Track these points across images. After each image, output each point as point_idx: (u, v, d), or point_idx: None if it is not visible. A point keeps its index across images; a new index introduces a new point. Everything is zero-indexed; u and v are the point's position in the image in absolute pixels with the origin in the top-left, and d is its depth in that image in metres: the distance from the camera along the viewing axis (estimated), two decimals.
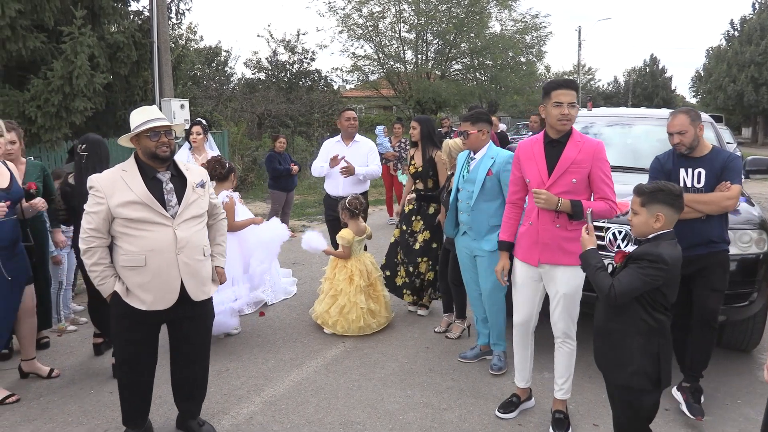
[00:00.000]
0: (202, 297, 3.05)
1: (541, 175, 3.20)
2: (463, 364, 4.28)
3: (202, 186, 3.09)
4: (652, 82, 47.87)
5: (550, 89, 3.16)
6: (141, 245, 2.85)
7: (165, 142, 2.91)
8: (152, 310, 2.91)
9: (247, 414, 3.59)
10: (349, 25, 22.13)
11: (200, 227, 3.06)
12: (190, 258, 2.95)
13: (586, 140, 3.18)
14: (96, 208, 2.85)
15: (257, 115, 16.98)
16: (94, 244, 2.87)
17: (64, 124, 9.13)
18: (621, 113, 6.81)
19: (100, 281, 2.90)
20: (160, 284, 2.89)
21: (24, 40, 8.72)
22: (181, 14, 12.20)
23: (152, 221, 2.86)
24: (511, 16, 23.24)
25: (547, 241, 3.21)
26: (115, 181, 2.87)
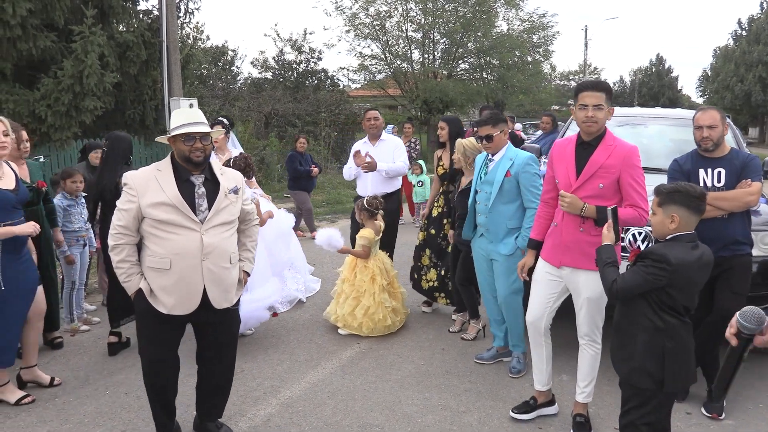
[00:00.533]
0: (225, 305, 2.99)
1: (569, 177, 3.14)
2: (480, 365, 4.24)
3: (235, 192, 3.02)
4: (658, 81, 47.71)
5: (578, 91, 3.12)
6: (167, 248, 2.82)
7: (199, 148, 2.86)
8: (172, 314, 2.88)
9: (265, 416, 3.56)
10: (356, 24, 22.06)
11: (229, 234, 2.99)
12: (216, 265, 2.89)
13: (619, 144, 3.08)
14: (127, 205, 2.83)
15: (264, 115, 16.97)
16: (122, 241, 2.85)
17: (74, 123, 9.13)
18: (633, 113, 6.77)
19: (125, 278, 2.89)
20: (182, 289, 2.85)
21: (35, 39, 8.73)
22: (190, 13, 12.22)
23: (180, 224, 2.81)
24: (518, 16, 23.13)
25: (570, 244, 3.16)
26: (149, 180, 2.85)
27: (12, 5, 8.06)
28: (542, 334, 3.45)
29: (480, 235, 4.10)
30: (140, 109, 10.82)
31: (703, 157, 3.56)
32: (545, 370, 3.51)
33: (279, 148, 15.41)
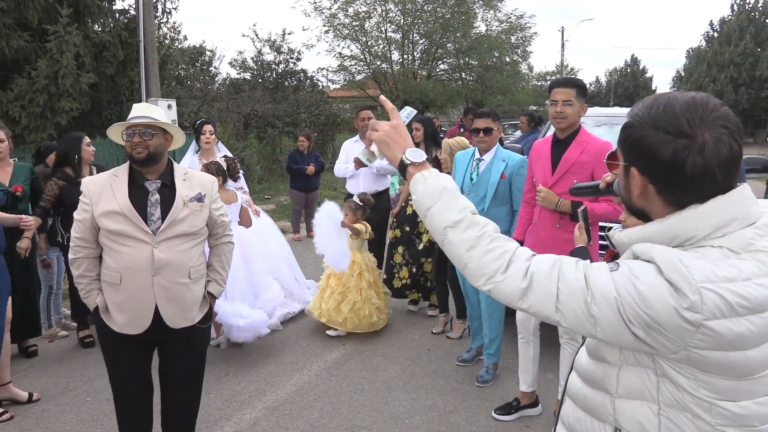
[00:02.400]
0: (183, 324, 2.66)
1: (545, 175, 3.21)
2: (463, 365, 4.24)
3: (200, 200, 2.69)
4: (633, 82, 48.37)
5: (549, 89, 3.21)
6: (118, 261, 2.56)
7: (140, 143, 2.55)
8: (123, 333, 2.61)
9: (251, 420, 3.52)
10: (335, 24, 22.03)
11: (188, 247, 2.66)
12: (170, 281, 2.59)
13: (592, 140, 3.16)
14: (82, 215, 2.60)
15: (243, 116, 16.81)
16: (80, 254, 2.61)
17: (50, 125, 8.97)
18: (612, 113, 6.86)
19: (84, 295, 2.67)
20: (133, 306, 2.59)
21: (7, 38, 8.55)
22: (168, 13, 12.04)
23: (131, 236, 2.54)
24: (496, 17, 23.32)
25: (547, 241, 3.19)
26: (104, 187, 2.60)
27: None
28: (531, 332, 3.47)
29: None
30: (117, 110, 10.65)
31: None
32: (531, 370, 3.52)
33: (259, 149, 15.28)
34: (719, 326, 1.03)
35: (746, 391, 1.09)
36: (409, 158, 1.35)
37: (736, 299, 1.03)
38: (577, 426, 1.31)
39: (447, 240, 1.26)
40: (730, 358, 1.06)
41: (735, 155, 1.09)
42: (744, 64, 33.37)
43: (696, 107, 1.10)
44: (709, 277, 1.04)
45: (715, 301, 1.02)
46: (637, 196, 1.18)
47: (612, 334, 1.10)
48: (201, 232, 2.74)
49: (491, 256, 1.21)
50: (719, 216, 1.10)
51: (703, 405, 1.10)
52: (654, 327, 1.05)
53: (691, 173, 1.08)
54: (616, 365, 1.21)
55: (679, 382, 1.11)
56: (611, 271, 1.10)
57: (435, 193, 1.29)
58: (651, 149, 1.11)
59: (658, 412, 1.15)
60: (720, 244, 1.09)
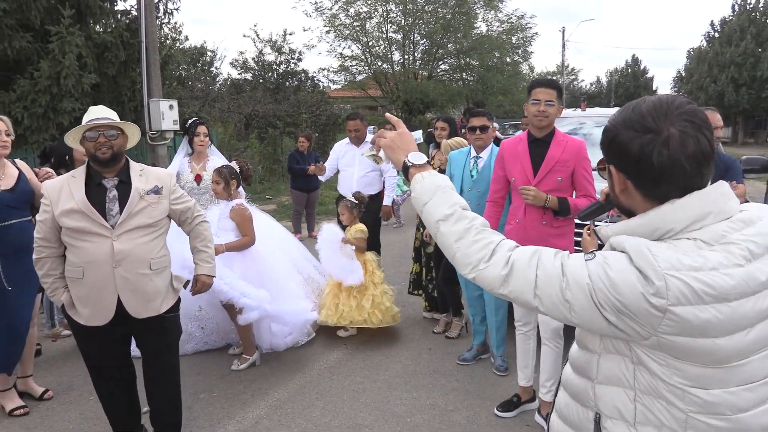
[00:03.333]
0: (146, 314, 2.79)
1: (526, 173, 3.29)
2: (464, 365, 4.26)
3: (156, 192, 2.81)
4: (634, 82, 48.41)
5: (531, 88, 3.29)
6: (80, 256, 2.69)
7: (104, 143, 2.68)
8: (89, 325, 2.75)
9: (254, 418, 3.54)
10: (336, 25, 22.08)
11: (149, 238, 2.78)
12: (130, 272, 2.71)
13: (569, 140, 3.30)
14: (43, 216, 2.72)
15: (245, 116, 16.84)
16: (43, 254, 2.74)
17: (52, 125, 8.99)
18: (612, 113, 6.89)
19: (51, 293, 2.81)
20: (95, 299, 2.72)
21: (10, 39, 8.58)
22: (169, 13, 12.06)
23: (90, 231, 2.67)
24: (497, 17, 23.38)
25: (534, 238, 3.24)
26: (62, 188, 2.73)
27: None
28: (532, 326, 3.52)
29: None
30: (119, 111, 10.65)
31: None
32: (530, 365, 3.57)
33: (260, 150, 15.31)
34: (685, 312, 1.09)
35: (719, 379, 1.14)
36: (410, 161, 1.50)
37: (701, 287, 1.09)
38: (566, 411, 1.39)
39: (439, 232, 1.37)
40: (699, 344, 1.12)
41: (703, 148, 1.16)
42: (745, 65, 33.37)
43: (661, 105, 1.18)
44: (674, 265, 1.10)
45: (679, 287, 1.09)
46: (620, 193, 1.27)
47: (586, 319, 1.17)
48: (160, 224, 2.86)
49: (477, 246, 1.31)
50: (695, 210, 1.16)
51: (676, 392, 1.16)
52: (624, 312, 1.12)
53: (659, 165, 1.15)
54: (597, 353, 1.28)
55: (653, 369, 1.17)
56: (586, 260, 1.18)
57: (430, 190, 1.41)
58: (622, 146, 1.20)
59: (634, 398, 1.21)
60: (695, 237, 1.16)
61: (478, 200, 3.93)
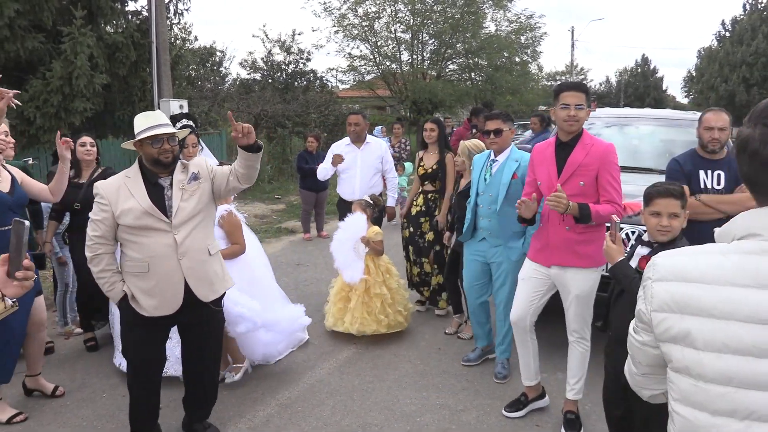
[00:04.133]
0: (213, 297, 3.03)
1: (551, 177, 3.23)
2: (476, 365, 4.27)
3: (196, 178, 2.99)
4: (643, 82, 48.10)
5: (559, 91, 3.22)
6: (144, 252, 2.87)
7: (168, 149, 2.89)
8: (155, 315, 2.91)
9: (264, 417, 3.57)
10: (345, 25, 22.03)
11: (202, 225, 2.99)
12: (194, 260, 2.93)
13: (596, 143, 3.21)
14: (101, 215, 2.87)
15: (254, 116, 16.89)
16: (100, 251, 2.89)
17: (64, 125, 9.08)
18: (622, 113, 6.86)
19: (108, 288, 2.93)
20: (163, 290, 2.89)
21: (22, 40, 8.67)
22: (180, 14, 12.16)
23: (153, 228, 2.85)
24: (506, 17, 23.23)
25: (557, 243, 3.24)
26: (119, 188, 2.89)
27: (0, 6, 7.99)
28: (528, 331, 3.50)
29: (480, 239, 3.99)
30: (130, 111, 10.75)
31: (702, 159, 3.61)
32: (532, 365, 3.56)
33: (269, 149, 15.35)
34: (667, 318, 1.19)
35: (702, 400, 1.14)
36: None
37: (682, 298, 1.16)
38: None
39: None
40: (684, 353, 1.16)
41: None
42: (756, 64, 33.08)
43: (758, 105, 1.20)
44: (665, 276, 1.20)
45: (662, 296, 1.19)
46: None
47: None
48: (207, 208, 3.03)
49: None
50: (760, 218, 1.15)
51: (672, 414, 1.23)
52: (642, 325, 1.28)
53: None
54: None
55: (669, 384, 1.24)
56: None
57: None
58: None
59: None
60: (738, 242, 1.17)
61: (489, 204, 3.85)
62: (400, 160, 9.91)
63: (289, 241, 8.65)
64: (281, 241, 8.66)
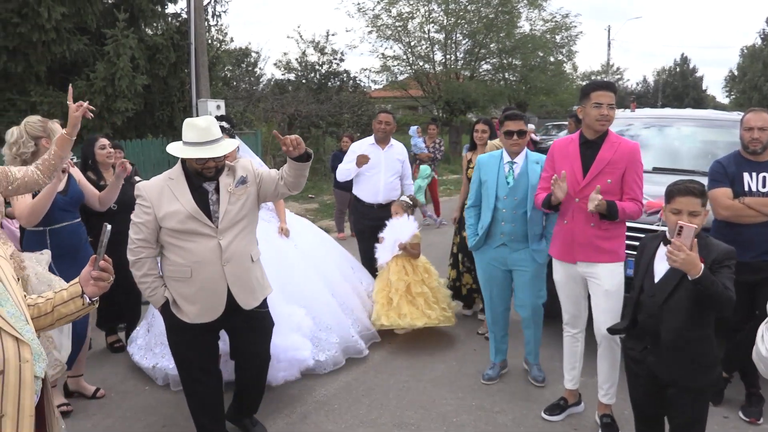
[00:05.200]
0: (254, 304, 2.94)
1: (575, 174, 3.24)
2: (513, 366, 4.23)
3: (243, 182, 2.90)
4: (682, 82, 47.07)
5: (590, 90, 3.21)
6: (187, 257, 2.77)
7: (211, 166, 2.79)
8: (196, 323, 2.84)
9: (301, 413, 3.61)
10: (378, 25, 22.12)
11: (246, 231, 2.91)
12: (238, 267, 2.84)
13: (623, 141, 3.25)
14: (143, 218, 2.78)
15: (287, 116, 17.08)
16: (142, 254, 2.81)
17: (106, 125, 9.35)
18: (660, 114, 6.73)
19: (150, 293, 2.86)
20: (206, 296, 2.81)
21: (68, 42, 8.95)
22: (218, 16, 12.37)
23: (198, 232, 2.76)
24: (540, 16, 23.00)
25: (582, 240, 3.25)
26: (162, 190, 2.80)
27: (48, 9, 8.26)
28: (580, 329, 3.50)
29: (498, 246, 3.82)
30: (168, 111, 11.01)
31: (746, 160, 3.53)
32: (577, 367, 3.55)
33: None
34: None
35: None
36: None
37: None
38: None
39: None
40: None
41: None
42: None
43: None
44: None
45: None
46: None
47: None
48: (252, 213, 2.95)
49: None
50: None
51: None
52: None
53: None
54: None
55: None
56: None
57: None
58: None
59: None
60: None
61: (514, 209, 3.74)
62: (435, 161, 9.92)
63: None
64: None
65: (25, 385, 1.48)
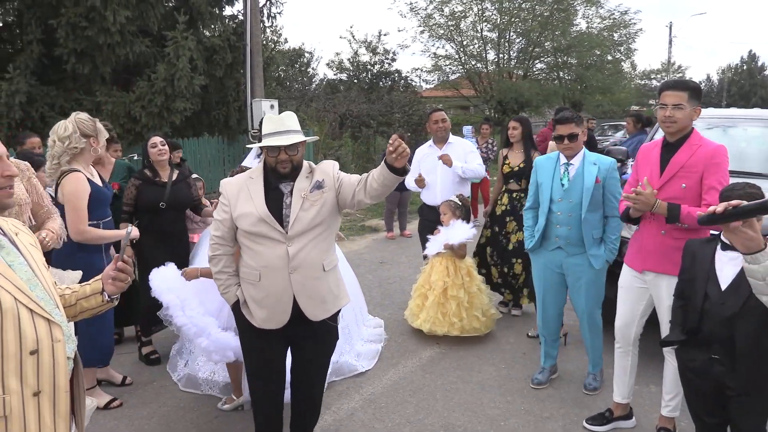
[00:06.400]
0: (322, 316, 2.76)
1: (653, 179, 3.09)
2: (564, 372, 4.15)
3: (319, 187, 2.70)
4: (749, 80, 44.97)
5: (660, 90, 3.09)
6: (257, 260, 2.69)
7: (285, 159, 2.64)
8: (263, 328, 2.75)
9: (348, 410, 3.64)
10: (431, 25, 22.07)
11: (319, 239, 2.70)
12: (306, 277, 2.68)
13: (704, 143, 3.02)
14: (222, 215, 2.75)
15: (339, 115, 17.27)
16: (219, 251, 2.78)
17: (165, 124, 9.67)
18: (724, 114, 6.46)
19: (223, 290, 2.83)
20: (272, 303, 2.71)
21: (131, 44, 9.31)
22: (273, 17, 12.60)
23: (267, 236, 2.65)
24: (598, 13, 22.41)
25: (651, 248, 3.10)
26: (241, 189, 2.73)
27: (113, 13, 8.62)
28: (631, 342, 3.35)
29: (554, 248, 3.76)
30: (224, 111, 11.30)
31: None
32: (628, 381, 3.42)
33: (353, 148, 15.65)
34: None
35: None
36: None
37: None
38: None
39: None
40: None
41: None
42: None
43: None
44: None
45: None
46: None
47: None
48: (330, 220, 2.74)
49: None
50: None
51: None
52: None
53: None
54: None
55: None
56: None
57: None
58: None
59: None
60: None
61: (569, 211, 3.63)
62: (488, 161, 9.81)
63: (372, 239, 8.78)
64: (365, 238, 8.79)
65: (59, 363, 1.55)
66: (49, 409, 1.53)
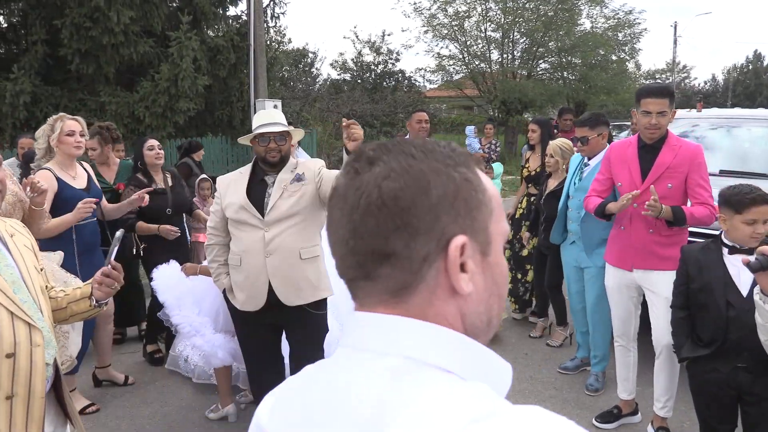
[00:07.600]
0: (297, 302, 2.88)
1: (633, 180, 3.13)
2: (564, 373, 4.14)
3: (299, 180, 2.90)
4: (755, 80, 44.73)
5: (640, 96, 3.09)
6: (239, 246, 2.92)
7: (274, 148, 2.86)
8: (244, 310, 2.95)
9: None
10: (434, 25, 22.06)
11: (296, 228, 2.87)
12: (281, 261, 2.84)
13: (684, 144, 3.11)
14: (215, 207, 3.03)
15: (343, 115, 17.29)
16: (212, 241, 3.04)
17: (169, 124, 9.69)
18: (729, 114, 6.44)
19: (214, 278, 3.08)
20: (250, 285, 2.91)
21: (135, 45, 9.33)
22: (276, 17, 12.63)
23: (248, 222, 2.87)
24: (602, 13, 22.35)
25: (640, 246, 3.14)
26: (231, 182, 2.99)
27: (117, 14, 8.64)
28: (630, 338, 3.41)
29: (571, 243, 3.96)
30: (228, 111, 11.31)
31: None
32: (631, 378, 3.45)
33: None
34: None
35: None
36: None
37: None
38: None
39: None
40: None
41: None
42: None
43: None
44: None
45: None
46: None
47: None
48: (308, 211, 2.88)
49: None
50: None
51: None
52: None
53: None
54: None
55: None
56: None
57: None
58: None
59: None
60: None
61: (577, 209, 3.78)
62: (489, 161, 9.79)
63: None
64: None
65: (36, 368, 1.54)
66: (22, 414, 1.52)
